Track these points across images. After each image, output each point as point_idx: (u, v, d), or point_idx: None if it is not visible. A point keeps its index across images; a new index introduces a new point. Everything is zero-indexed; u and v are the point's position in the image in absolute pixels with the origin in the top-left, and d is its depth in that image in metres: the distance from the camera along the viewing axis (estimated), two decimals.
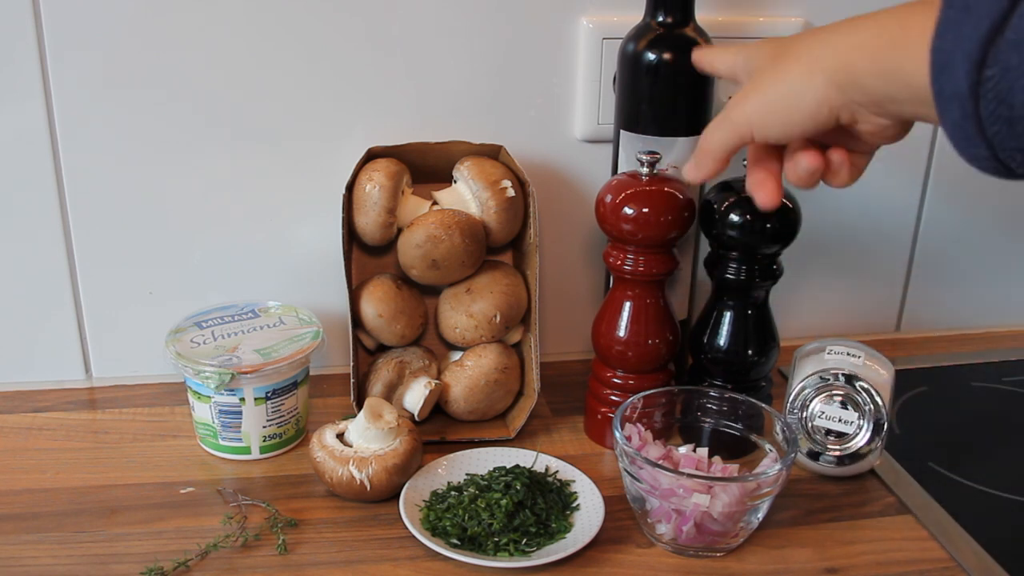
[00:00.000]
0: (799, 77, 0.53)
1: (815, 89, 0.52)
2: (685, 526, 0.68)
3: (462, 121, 0.89)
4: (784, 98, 0.54)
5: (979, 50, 0.41)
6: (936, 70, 0.43)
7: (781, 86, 0.54)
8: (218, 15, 0.83)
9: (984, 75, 0.41)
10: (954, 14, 0.42)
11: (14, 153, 0.84)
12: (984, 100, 0.41)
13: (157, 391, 0.90)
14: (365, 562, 0.68)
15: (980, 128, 0.42)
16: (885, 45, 0.48)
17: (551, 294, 0.97)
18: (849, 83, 0.50)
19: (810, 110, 0.52)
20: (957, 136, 0.43)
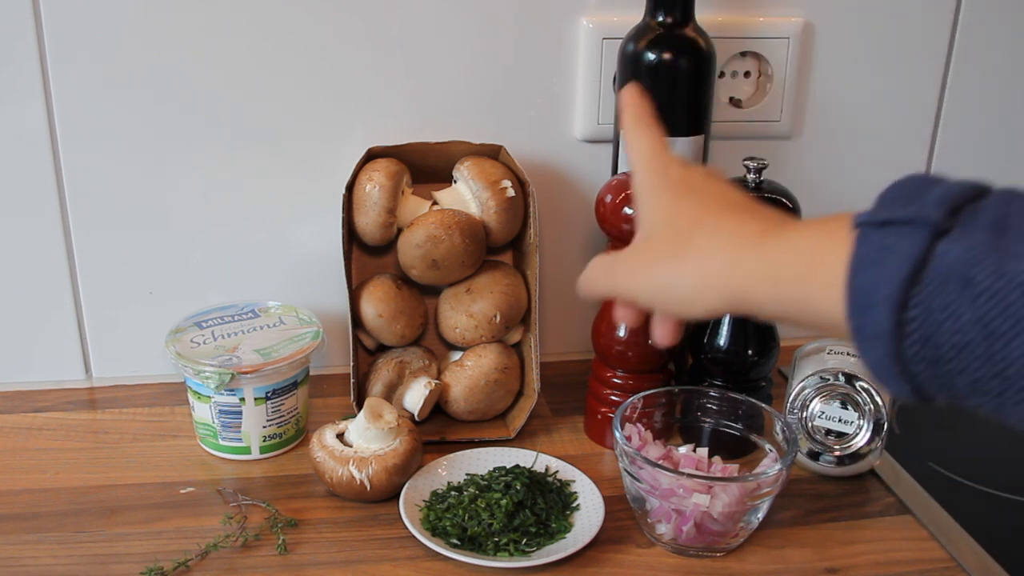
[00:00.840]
0: (691, 285, 0.49)
1: (705, 301, 0.49)
2: (685, 526, 0.68)
3: (462, 121, 0.89)
4: (673, 299, 0.51)
5: (901, 291, 0.38)
6: (854, 309, 0.41)
7: (672, 283, 0.50)
8: (218, 15, 0.83)
9: (907, 316, 0.39)
10: (872, 252, 0.40)
11: (14, 153, 0.84)
12: (907, 341, 0.39)
13: (157, 391, 0.90)
14: (365, 562, 0.68)
15: (903, 366, 0.40)
16: (792, 279, 0.45)
17: (551, 294, 0.97)
18: (744, 301, 0.47)
19: (698, 314, 0.50)
20: (877, 372, 0.41)
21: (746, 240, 0.48)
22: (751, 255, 0.47)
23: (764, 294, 0.46)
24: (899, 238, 0.39)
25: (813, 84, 0.94)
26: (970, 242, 0.38)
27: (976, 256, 0.37)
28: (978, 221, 0.39)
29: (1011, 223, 0.38)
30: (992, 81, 0.97)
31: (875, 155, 0.98)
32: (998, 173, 1.01)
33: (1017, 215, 0.38)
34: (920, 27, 0.94)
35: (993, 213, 0.39)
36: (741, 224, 0.49)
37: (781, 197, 0.78)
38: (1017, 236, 0.37)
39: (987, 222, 0.38)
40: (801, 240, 0.46)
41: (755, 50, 0.91)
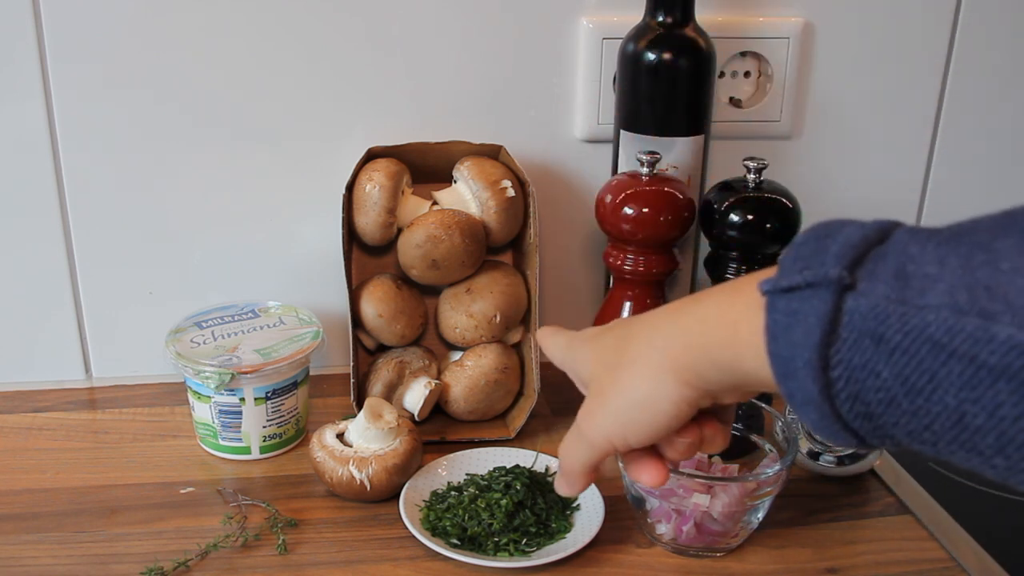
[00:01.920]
0: (646, 384, 0.49)
1: (667, 393, 0.48)
2: (685, 526, 0.68)
3: (462, 121, 0.89)
4: (639, 408, 0.49)
5: (818, 355, 0.38)
6: (779, 377, 0.41)
7: (630, 397, 0.50)
8: (218, 15, 0.83)
9: (831, 376, 0.38)
10: (781, 319, 0.40)
11: (14, 153, 0.84)
12: (838, 400, 0.39)
13: (157, 391, 0.90)
14: (365, 562, 0.68)
15: (843, 424, 0.40)
16: (717, 344, 0.45)
17: (551, 294, 0.97)
18: (697, 378, 0.47)
19: (670, 412, 0.49)
20: (821, 432, 0.41)
21: (669, 318, 0.49)
22: (676, 326, 0.48)
23: (707, 365, 0.46)
24: (804, 301, 0.39)
25: (813, 84, 0.94)
26: (874, 297, 0.37)
27: (882, 312, 0.37)
28: (881, 271, 0.38)
29: (910, 271, 0.37)
30: (992, 81, 0.97)
31: (875, 155, 0.98)
32: (998, 173, 1.01)
33: (914, 260, 0.37)
34: (920, 27, 0.94)
35: (895, 261, 0.38)
36: (657, 315, 0.50)
37: (781, 197, 0.78)
38: (917, 285, 0.36)
39: (890, 272, 0.38)
40: (714, 305, 0.46)
41: (755, 50, 0.91)
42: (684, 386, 0.47)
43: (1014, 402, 0.34)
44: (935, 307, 0.35)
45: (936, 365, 0.35)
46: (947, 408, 0.35)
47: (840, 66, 0.94)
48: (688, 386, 0.47)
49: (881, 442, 0.40)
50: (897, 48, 0.94)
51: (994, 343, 0.34)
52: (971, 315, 0.34)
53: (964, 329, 0.34)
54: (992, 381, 0.34)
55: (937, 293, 0.36)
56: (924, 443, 0.38)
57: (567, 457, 0.55)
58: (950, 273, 0.36)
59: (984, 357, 0.34)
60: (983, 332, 0.34)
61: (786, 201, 0.77)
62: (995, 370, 0.34)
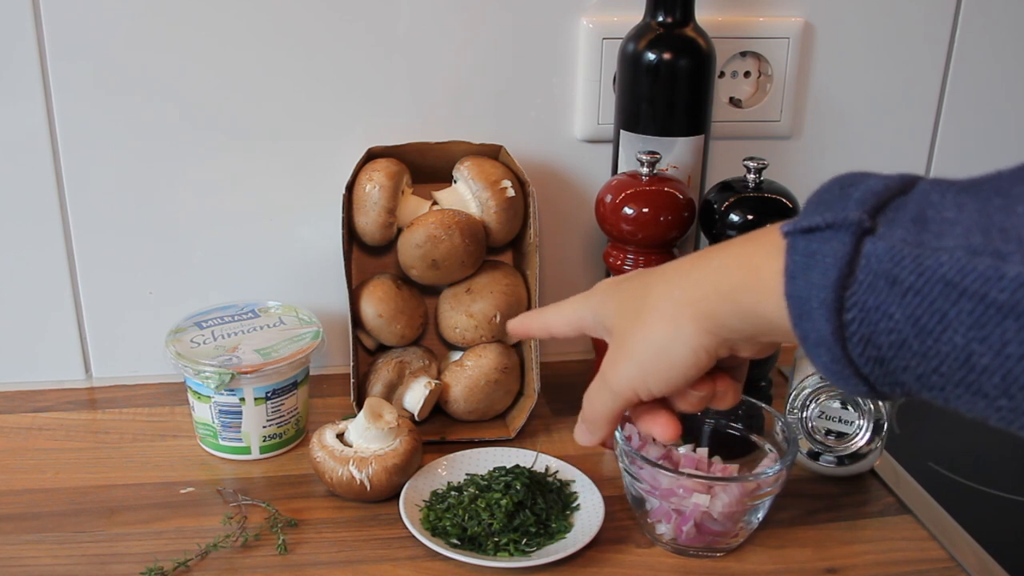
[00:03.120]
0: (667, 332, 0.50)
1: (686, 340, 0.49)
2: (685, 526, 0.68)
3: (462, 121, 0.89)
4: (659, 356, 0.50)
5: (834, 296, 0.39)
6: (795, 318, 0.41)
7: (652, 345, 0.51)
8: (218, 16, 0.83)
9: (845, 319, 0.39)
10: (800, 259, 0.41)
11: (14, 154, 0.84)
12: (851, 343, 0.39)
13: (157, 391, 0.90)
14: (365, 562, 0.68)
15: (854, 368, 0.40)
16: (738, 288, 0.46)
17: (551, 294, 0.97)
18: (717, 326, 0.48)
19: (689, 360, 0.50)
20: (831, 375, 0.42)
21: (687, 268, 0.50)
22: (696, 274, 0.49)
23: (727, 311, 0.47)
24: (824, 243, 0.40)
25: (813, 84, 0.94)
26: (891, 240, 0.38)
27: (898, 253, 0.37)
28: (901, 217, 0.39)
29: (928, 216, 0.38)
30: (992, 81, 0.97)
31: (875, 155, 0.98)
32: None
33: (935, 207, 0.38)
34: (920, 27, 0.94)
35: (916, 207, 0.39)
36: (678, 264, 0.51)
37: (781, 197, 0.78)
38: (935, 229, 0.37)
39: (909, 217, 0.38)
40: (735, 252, 0.47)
41: (755, 50, 0.91)
42: (704, 334, 0.48)
43: (1021, 340, 0.34)
44: (949, 248, 0.36)
45: (947, 305, 0.36)
46: (955, 348, 0.36)
47: (840, 66, 0.94)
48: (708, 334, 0.48)
49: (891, 389, 0.40)
50: (897, 48, 0.94)
51: (1004, 281, 0.34)
52: (984, 255, 0.35)
53: (976, 268, 0.35)
54: (1000, 319, 0.34)
55: (953, 236, 0.36)
56: (932, 388, 0.38)
57: (591, 405, 0.56)
58: (967, 217, 0.37)
59: (994, 295, 0.34)
60: (994, 271, 0.35)
61: (786, 201, 0.78)
62: (1004, 308, 0.34)
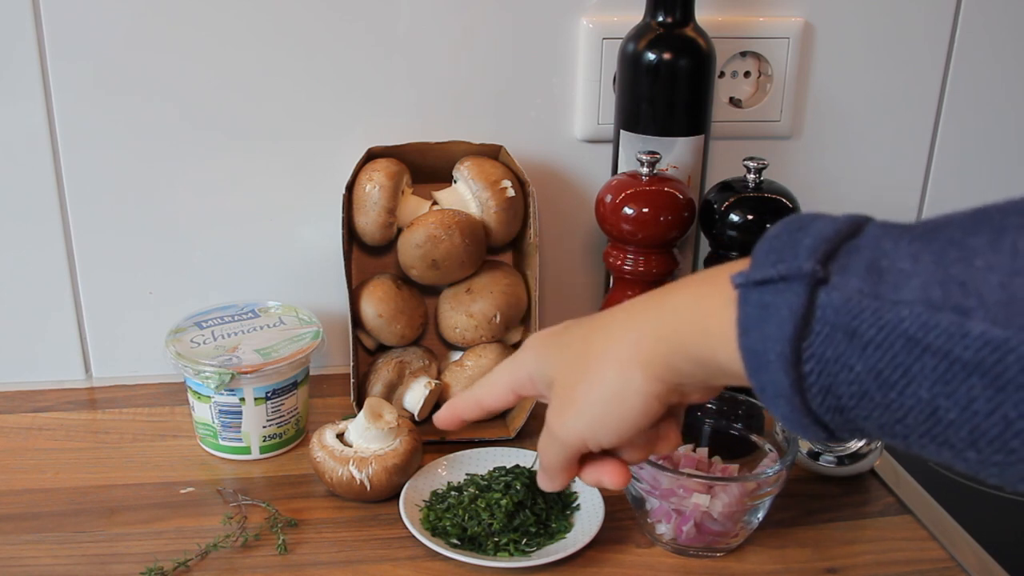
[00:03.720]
0: (615, 380, 0.48)
1: (637, 388, 0.47)
2: (685, 526, 0.68)
3: (462, 121, 0.89)
4: (608, 405, 0.49)
5: (791, 348, 0.38)
6: (751, 370, 0.40)
7: (600, 392, 0.49)
8: (218, 16, 0.83)
9: (803, 370, 0.38)
10: (754, 312, 0.40)
11: (14, 154, 0.84)
12: (809, 394, 0.39)
13: (157, 391, 0.90)
14: (365, 562, 0.68)
15: (813, 417, 0.40)
16: (689, 334, 0.45)
17: (551, 294, 0.97)
18: (667, 372, 0.46)
19: (639, 409, 0.48)
20: (790, 424, 0.41)
21: (636, 311, 0.48)
22: (648, 322, 0.47)
23: (679, 358, 0.46)
24: (776, 295, 0.39)
25: (813, 84, 0.94)
26: (847, 290, 0.37)
27: (856, 306, 0.37)
28: (854, 264, 0.38)
29: (883, 266, 0.37)
30: (992, 81, 0.97)
31: (875, 155, 0.98)
32: (998, 173, 1.01)
33: (888, 255, 0.37)
34: (920, 28, 0.94)
35: (869, 254, 0.38)
36: (625, 309, 0.50)
37: (781, 197, 0.78)
38: (891, 280, 0.36)
39: (863, 265, 0.37)
40: (688, 299, 0.46)
41: (755, 50, 0.91)
42: (654, 380, 0.47)
43: (988, 396, 0.34)
44: (909, 302, 0.35)
45: (910, 360, 0.35)
46: (920, 402, 0.36)
47: (840, 66, 0.94)
48: (658, 380, 0.47)
49: (851, 435, 0.40)
50: (897, 48, 0.94)
51: (968, 338, 0.34)
52: (945, 311, 0.35)
53: (939, 324, 0.35)
54: (966, 376, 0.34)
55: (911, 288, 0.36)
56: (895, 436, 0.38)
57: (544, 455, 0.55)
58: (924, 269, 0.36)
59: (958, 352, 0.34)
60: (957, 327, 0.34)
61: (786, 201, 0.78)
62: (969, 365, 0.34)
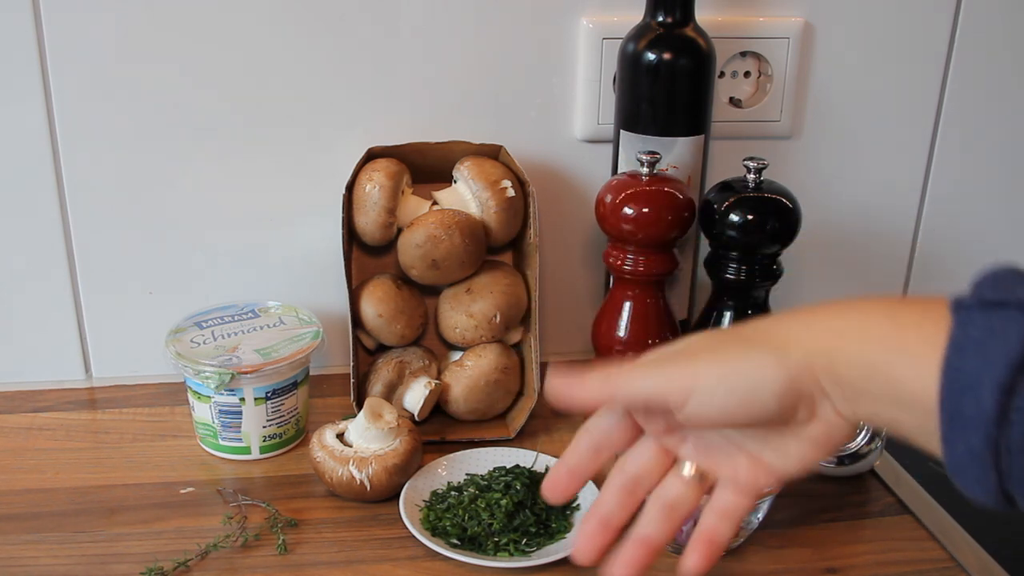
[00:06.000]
0: (770, 353, 0.45)
1: (788, 367, 0.44)
2: (685, 526, 0.67)
3: (462, 121, 0.89)
4: (747, 372, 0.45)
5: (1010, 376, 0.37)
6: (952, 391, 0.39)
7: (745, 358, 0.46)
8: (218, 16, 0.83)
9: (1012, 403, 0.37)
10: (976, 332, 0.39)
11: (14, 153, 0.84)
12: (1012, 428, 0.38)
13: (157, 391, 0.90)
14: (365, 562, 0.68)
15: (996, 457, 0.39)
16: (874, 339, 0.43)
17: (551, 294, 0.97)
18: (826, 368, 0.44)
19: (776, 391, 0.45)
20: (966, 462, 0.40)
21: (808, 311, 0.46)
22: (820, 317, 0.46)
23: (846, 357, 0.44)
24: (1008, 321, 0.38)
25: (813, 84, 0.94)
26: None
27: None
28: None
29: None
30: (992, 81, 0.97)
31: (875, 155, 0.98)
32: (998, 173, 1.01)
33: None
34: (920, 28, 0.94)
35: None
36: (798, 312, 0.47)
37: (781, 197, 0.78)
38: None
39: None
40: (872, 306, 0.44)
41: (755, 50, 0.91)
42: (807, 369, 0.45)
43: None
44: None
45: None
46: None
47: (840, 66, 0.94)
48: (811, 370, 0.44)
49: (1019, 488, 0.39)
50: (897, 48, 0.94)
51: None
52: None
53: None
54: None
55: None
56: None
57: (628, 375, 0.48)
58: None
59: None
60: None
61: (786, 201, 0.78)
62: None
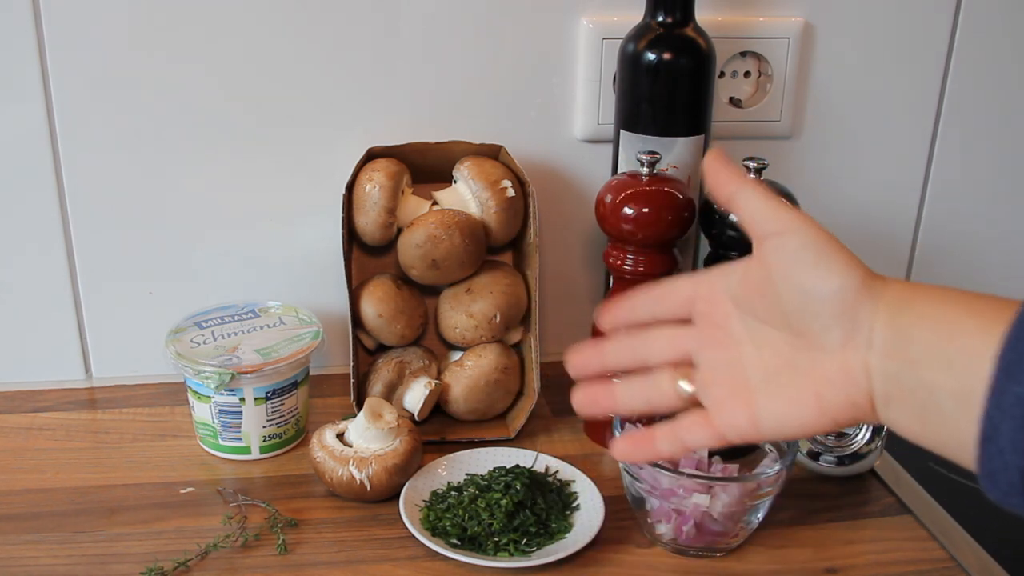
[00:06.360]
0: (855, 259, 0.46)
1: (863, 275, 0.45)
2: (685, 526, 0.68)
3: (462, 121, 0.89)
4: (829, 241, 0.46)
5: None
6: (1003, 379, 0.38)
7: (834, 238, 0.47)
8: (218, 16, 0.83)
9: None
10: None
11: (14, 153, 0.84)
12: None
13: (157, 391, 0.90)
14: (365, 562, 0.68)
15: None
16: (950, 299, 0.43)
17: (551, 294, 0.97)
18: (892, 306, 0.44)
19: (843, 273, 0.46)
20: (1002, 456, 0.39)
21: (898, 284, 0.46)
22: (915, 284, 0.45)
23: (919, 304, 0.44)
24: None
25: (813, 84, 0.94)
26: None
27: None
28: None
29: None
30: (992, 81, 0.97)
31: (875, 155, 0.98)
32: (998, 173, 1.01)
33: None
34: (920, 27, 0.94)
35: None
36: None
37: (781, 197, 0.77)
38: None
39: None
40: (956, 302, 0.43)
41: (755, 50, 0.91)
42: (871, 295, 0.45)
43: None
44: None
45: None
46: None
47: (840, 66, 0.94)
48: (873, 297, 0.45)
49: None
50: (897, 48, 0.94)
51: None
52: None
53: None
54: None
55: None
56: None
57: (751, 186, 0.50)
58: None
59: None
60: None
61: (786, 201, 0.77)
62: None
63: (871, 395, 0.45)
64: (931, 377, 0.42)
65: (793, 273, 0.47)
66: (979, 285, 1.13)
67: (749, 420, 0.49)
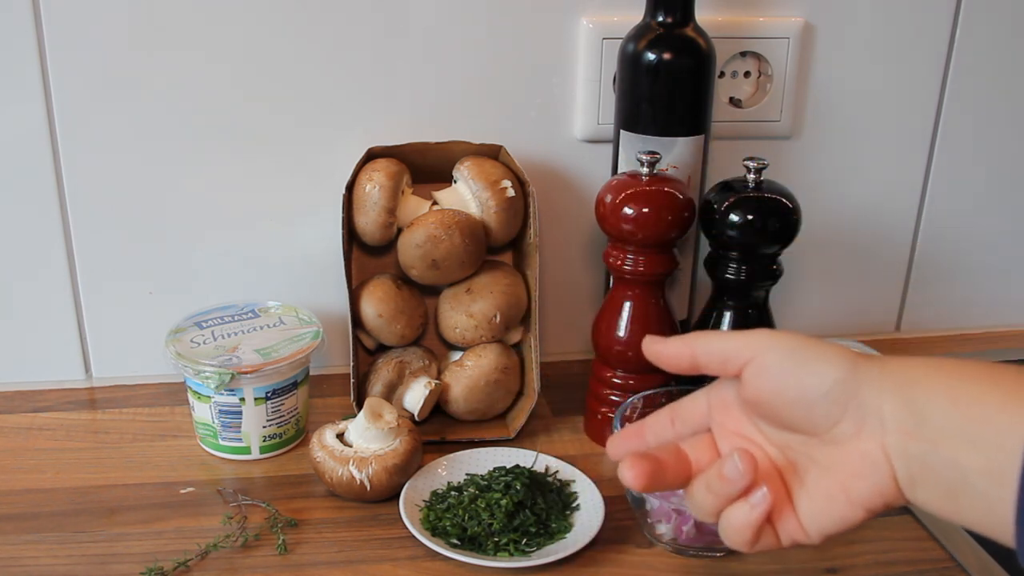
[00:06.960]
0: (845, 351, 0.46)
1: (856, 364, 0.45)
2: (685, 526, 0.68)
3: (462, 121, 0.89)
4: (816, 349, 0.46)
5: None
6: None
7: (820, 342, 0.47)
8: (218, 15, 0.83)
9: None
10: None
11: (14, 153, 0.84)
12: None
13: (157, 391, 0.90)
14: (365, 562, 0.68)
15: None
16: (966, 374, 0.42)
17: (551, 294, 0.97)
18: (899, 387, 0.43)
19: (835, 376, 0.45)
20: None
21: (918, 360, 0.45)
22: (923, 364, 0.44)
23: (931, 381, 0.43)
24: None
25: (813, 84, 0.94)
26: None
27: None
28: None
29: None
30: (992, 81, 0.97)
31: (875, 155, 0.98)
32: (998, 173, 1.01)
33: None
34: (920, 27, 0.94)
35: None
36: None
37: (781, 197, 0.77)
38: None
39: None
40: (949, 387, 0.42)
41: (755, 50, 0.91)
42: (871, 379, 0.44)
43: None
44: None
45: None
46: None
47: (840, 66, 0.94)
48: (874, 381, 0.44)
49: None
50: (897, 48, 0.94)
51: None
52: None
53: None
54: None
55: None
56: None
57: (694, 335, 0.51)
58: None
59: None
60: None
61: (786, 201, 0.77)
62: None
63: (895, 478, 0.45)
64: (955, 456, 0.41)
65: (785, 388, 0.47)
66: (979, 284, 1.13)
67: (797, 525, 0.49)
